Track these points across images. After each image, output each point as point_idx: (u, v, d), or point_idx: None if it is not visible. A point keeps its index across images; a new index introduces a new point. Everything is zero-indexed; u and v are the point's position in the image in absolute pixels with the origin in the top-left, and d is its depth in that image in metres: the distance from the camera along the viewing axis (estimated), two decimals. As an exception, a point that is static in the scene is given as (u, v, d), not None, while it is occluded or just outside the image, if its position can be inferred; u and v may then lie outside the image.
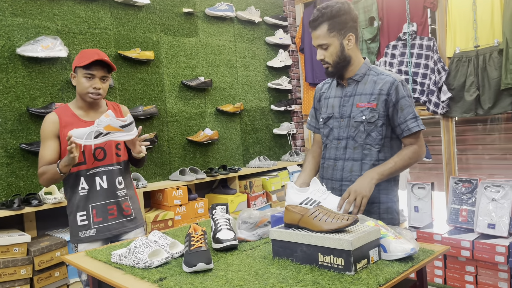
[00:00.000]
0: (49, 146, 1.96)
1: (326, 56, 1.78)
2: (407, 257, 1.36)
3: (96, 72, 1.96)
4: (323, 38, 1.75)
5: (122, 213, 2.04)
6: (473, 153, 3.59)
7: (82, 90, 1.98)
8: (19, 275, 2.46)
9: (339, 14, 1.73)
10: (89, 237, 1.97)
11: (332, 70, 1.81)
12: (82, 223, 1.98)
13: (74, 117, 2.00)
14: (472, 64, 3.31)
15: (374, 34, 3.94)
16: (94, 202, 1.98)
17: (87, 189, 1.98)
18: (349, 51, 1.78)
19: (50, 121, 1.98)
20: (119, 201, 2.04)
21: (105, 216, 2.00)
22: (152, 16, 3.55)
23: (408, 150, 1.76)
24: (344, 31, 1.75)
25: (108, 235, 2.00)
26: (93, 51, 1.98)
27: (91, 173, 1.98)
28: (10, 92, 2.79)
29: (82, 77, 1.96)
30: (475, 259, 2.85)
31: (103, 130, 1.79)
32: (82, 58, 1.95)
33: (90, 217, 1.98)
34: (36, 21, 2.91)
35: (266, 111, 4.47)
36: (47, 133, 1.97)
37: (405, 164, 1.74)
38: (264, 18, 4.45)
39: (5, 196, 2.74)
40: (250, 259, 1.45)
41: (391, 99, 1.75)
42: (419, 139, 1.78)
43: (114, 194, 2.03)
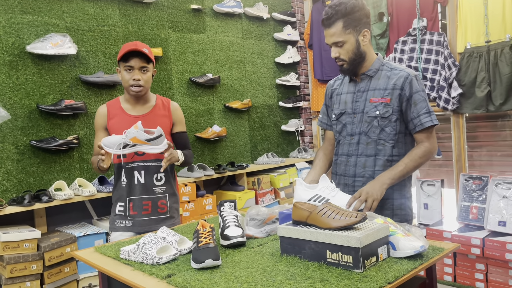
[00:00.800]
0: (98, 137, 2.06)
1: (342, 54, 1.77)
2: (417, 255, 1.35)
3: (134, 63, 1.96)
4: (339, 35, 1.74)
5: (157, 210, 2.04)
6: (484, 150, 3.55)
7: (124, 84, 2.02)
8: (29, 270, 2.49)
9: (354, 11, 1.72)
10: (124, 227, 2.04)
11: (347, 67, 1.80)
12: (119, 213, 2.05)
13: (120, 110, 2.06)
14: (483, 60, 3.26)
15: (384, 30, 3.91)
16: (131, 195, 2.03)
17: (126, 182, 2.03)
18: (364, 47, 1.78)
19: (100, 114, 2.07)
20: (155, 197, 2.04)
21: (139, 211, 2.03)
22: (160, 13, 3.55)
23: (419, 150, 1.73)
24: (359, 27, 1.74)
25: (140, 229, 2.02)
26: (132, 43, 1.99)
27: (130, 167, 2.02)
28: (20, 89, 2.81)
29: (123, 70, 1.99)
30: (485, 256, 2.82)
31: (130, 142, 1.79)
32: (121, 51, 1.97)
33: (127, 209, 2.04)
34: (46, 19, 2.93)
35: (274, 107, 4.45)
36: (97, 125, 2.08)
37: (416, 164, 1.72)
38: (272, 14, 4.43)
39: (16, 192, 2.77)
40: (258, 256, 1.45)
41: (404, 94, 1.74)
42: (431, 135, 1.76)
43: (151, 190, 2.03)
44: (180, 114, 2.17)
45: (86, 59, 3.11)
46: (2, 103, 2.72)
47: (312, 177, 1.93)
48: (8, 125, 2.75)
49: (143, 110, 2.06)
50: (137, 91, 1.99)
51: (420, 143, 1.76)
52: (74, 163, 3.02)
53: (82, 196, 2.77)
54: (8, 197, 2.73)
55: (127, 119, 2.01)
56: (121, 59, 1.97)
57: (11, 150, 2.76)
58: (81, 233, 2.74)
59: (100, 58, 3.18)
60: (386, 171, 1.71)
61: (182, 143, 2.16)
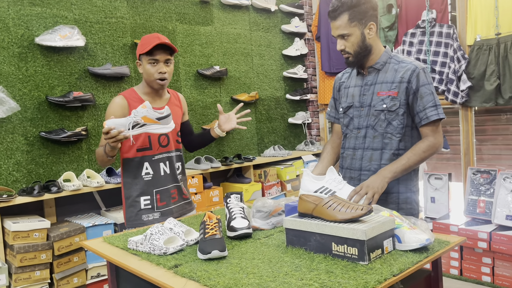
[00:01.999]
0: None
1: (347, 46, 1.76)
2: (422, 248, 1.35)
3: (159, 56, 1.96)
4: (344, 28, 1.73)
5: (182, 197, 2.16)
6: (492, 143, 3.52)
7: (149, 77, 1.99)
8: (39, 259, 2.53)
9: (360, 3, 1.72)
10: (152, 220, 2.03)
11: (352, 60, 1.79)
12: (146, 207, 2.04)
13: (140, 101, 2.00)
14: (493, 53, 3.22)
15: (392, 22, 3.87)
16: (158, 187, 2.05)
17: (152, 174, 2.04)
18: (370, 40, 1.76)
19: (118, 105, 1.98)
20: (180, 185, 2.14)
21: (169, 200, 2.08)
22: (168, 5, 3.55)
23: (423, 144, 1.71)
24: (365, 20, 1.73)
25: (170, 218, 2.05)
26: (153, 35, 1.98)
27: (156, 159, 2.04)
28: (29, 81, 2.84)
29: (147, 63, 1.97)
30: (492, 250, 2.82)
31: (140, 121, 1.76)
32: (145, 45, 1.96)
33: (154, 201, 2.05)
34: (54, 11, 2.95)
35: (281, 100, 4.45)
36: (114, 115, 1.94)
37: (420, 159, 1.70)
38: (280, 6, 4.40)
39: (26, 183, 2.81)
40: (264, 248, 1.46)
41: (411, 87, 1.72)
42: (437, 129, 1.74)
43: (175, 178, 2.11)
44: (186, 104, 2.30)
45: (94, 51, 3.12)
46: (12, 95, 2.75)
47: (319, 170, 1.93)
48: (18, 116, 2.78)
49: (162, 102, 2.09)
50: (163, 84, 2.01)
51: (425, 137, 1.74)
52: (82, 155, 3.05)
53: (91, 187, 2.81)
54: (18, 187, 2.77)
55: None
56: (145, 53, 1.95)
57: (21, 141, 2.79)
58: (89, 223, 2.77)
59: (108, 50, 3.19)
60: (389, 165, 1.70)
61: (189, 130, 2.28)
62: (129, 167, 2.04)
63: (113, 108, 1.98)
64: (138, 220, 2.04)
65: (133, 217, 2.05)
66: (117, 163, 3.24)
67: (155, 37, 1.97)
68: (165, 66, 1.99)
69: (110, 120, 1.75)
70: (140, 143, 2.00)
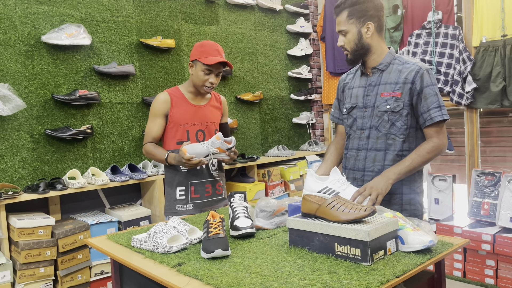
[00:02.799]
0: (157, 123, 2.16)
1: (345, 43, 1.80)
2: (425, 249, 1.35)
3: (215, 68, 2.12)
4: (343, 24, 1.79)
5: (216, 192, 2.24)
6: (497, 145, 3.50)
7: (198, 82, 2.14)
8: (43, 256, 2.54)
9: (360, 2, 1.74)
10: (185, 211, 2.16)
11: (350, 57, 1.82)
12: (180, 197, 2.17)
13: (183, 99, 2.19)
14: (499, 54, 3.21)
15: (398, 23, 3.86)
16: (193, 179, 2.16)
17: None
18: (368, 39, 1.77)
19: (162, 100, 2.17)
20: (214, 180, 2.23)
21: (202, 194, 2.18)
22: (174, 4, 3.56)
23: (427, 145, 1.70)
24: (364, 19, 1.75)
25: (202, 211, 2.17)
26: (214, 46, 2.13)
27: None
28: (35, 79, 2.86)
29: (201, 70, 2.12)
30: (496, 253, 2.81)
31: (216, 151, 2.04)
32: (205, 54, 2.10)
33: (188, 193, 2.16)
34: (61, 9, 2.96)
35: (285, 100, 4.45)
36: (158, 110, 2.16)
37: (424, 160, 1.69)
38: (286, 6, 4.40)
39: (31, 180, 2.83)
40: (267, 247, 1.47)
41: (415, 88, 1.72)
42: (441, 130, 1.73)
43: (211, 174, 2.22)
44: (226, 106, 2.40)
45: (100, 50, 3.14)
46: (18, 92, 2.77)
47: (323, 170, 1.94)
48: (24, 114, 2.80)
49: (203, 101, 2.25)
50: (209, 91, 2.20)
51: (429, 138, 1.74)
52: (87, 152, 3.07)
53: (95, 185, 2.82)
54: (24, 184, 2.79)
55: (190, 108, 2.19)
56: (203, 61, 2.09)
57: (27, 139, 2.81)
58: (94, 221, 2.79)
59: (113, 49, 3.20)
60: (393, 166, 1.69)
61: (226, 132, 2.36)
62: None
63: (157, 104, 2.16)
64: (173, 209, 2.17)
65: (169, 206, 2.19)
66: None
67: (216, 50, 2.12)
68: (216, 77, 2.14)
69: (189, 146, 2.01)
70: (179, 137, 2.16)
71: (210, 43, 2.16)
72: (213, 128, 2.26)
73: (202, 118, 2.22)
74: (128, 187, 3.27)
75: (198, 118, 2.21)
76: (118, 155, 3.22)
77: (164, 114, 2.17)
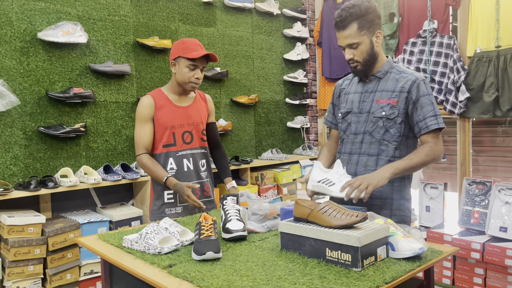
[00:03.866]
0: (146, 129, 2.11)
1: (356, 55, 1.79)
2: (415, 256, 1.36)
3: (199, 63, 2.07)
4: (354, 37, 1.76)
5: (204, 194, 2.21)
6: (488, 155, 3.54)
7: (183, 80, 2.09)
8: (33, 254, 2.53)
9: (368, 12, 1.75)
10: (175, 213, 2.13)
11: (361, 68, 1.82)
12: (169, 201, 2.14)
13: (167, 100, 2.14)
14: (493, 65, 3.24)
15: (394, 31, 3.89)
16: (182, 181, 2.09)
17: (176, 170, 2.13)
18: (377, 48, 1.81)
19: (146, 104, 2.11)
20: (203, 182, 2.20)
21: None
22: (171, 5, 3.56)
23: (425, 148, 1.73)
24: (373, 28, 1.77)
25: (192, 213, 2.15)
26: (195, 42, 2.09)
27: (180, 154, 2.14)
28: (30, 75, 2.84)
29: (185, 67, 2.07)
30: (485, 261, 2.83)
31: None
32: (187, 49, 2.05)
33: (177, 195, 2.13)
34: (58, 6, 2.95)
35: (280, 104, 4.46)
36: (143, 115, 2.10)
37: (421, 161, 1.70)
38: (283, 10, 4.42)
39: (23, 177, 2.81)
40: (258, 251, 1.47)
41: (411, 97, 1.76)
42: (437, 138, 1.76)
43: (199, 175, 2.19)
44: (213, 105, 2.35)
45: (96, 48, 3.13)
46: (12, 89, 2.75)
47: None
48: (17, 110, 2.78)
49: (188, 101, 2.20)
50: (196, 87, 2.14)
51: (426, 143, 1.75)
52: (80, 151, 3.05)
53: (87, 183, 2.81)
54: (15, 181, 2.77)
55: (175, 110, 2.14)
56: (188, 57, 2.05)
57: (19, 136, 2.79)
58: (85, 220, 2.77)
59: (110, 48, 3.20)
60: (391, 163, 1.70)
61: (214, 132, 2.33)
62: (159, 162, 2.15)
63: (142, 108, 2.10)
64: (162, 213, 2.14)
65: (156, 210, 2.15)
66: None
67: (198, 45, 2.08)
68: (201, 72, 2.11)
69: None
70: (165, 140, 2.12)
71: (190, 39, 2.10)
72: (200, 128, 2.20)
73: (187, 119, 2.15)
74: (120, 187, 3.26)
75: (184, 119, 2.15)
76: (111, 154, 3.21)
77: (150, 118, 2.11)
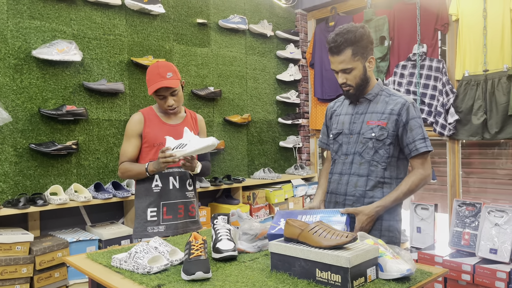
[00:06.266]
0: (132, 143, 2.12)
1: (349, 79, 1.83)
2: (404, 278, 1.36)
3: (164, 93, 2.09)
4: (348, 62, 1.79)
5: (188, 214, 2.17)
6: (478, 176, 3.58)
7: (160, 107, 2.16)
8: (20, 273, 2.48)
9: (362, 39, 1.79)
10: (157, 232, 2.08)
11: (353, 92, 1.86)
12: (151, 219, 2.10)
13: (156, 118, 2.17)
14: (481, 88, 3.31)
15: (384, 53, 3.97)
16: (165, 200, 2.10)
17: (161, 187, 2.11)
18: (369, 72, 1.85)
19: (136, 120, 2.14)
20: (187, 202, 2.17)
21: (175, 215, 2.12)
22: (166, 25, 3.61)
23: (415, 177, 1.79)
24: (366, 54, 1.82)
25: (174, 233, 2.11)
26: (155, 71, 2.08)
27: (166, 172, 2.11)
28: (23, 92, 2.84)
29: (156, 97, 2.12)
30: (475, 283, 2.83)
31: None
32: (150, 82, 2.10)
33: (160, 214, 2.10)
34: (53, 25, 2.98)
35: (273, 123, 4.49)
36: (132, 131, 2.13)
37: (411, 191, 1.79)
38: (276, 32, 4.50)
39: (12, 195, 2.78)
40: (248, 271, 1.47)
41: (401, 120, 1.80)
42: (426, 160, 1.81)
43: (184, 195, 2.16)
44: (203, 125, 2.37)
45: (91, 67, 3.15)
46: (5, 105, 2.75)
47: (320, 197, 2.02)
48: (9, 127, 2.77)
49: (177, 120, 2.22)
50: (173, 112, 2.18)
51: (415, 169, 1.81)
52: (71, 168, 3.03)
53: (77, 201, 2.78)
54: (4, 198, 2.74)
55: (163, 127, 2.16)
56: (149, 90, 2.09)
57: (10, 152, 2.78)
58: (73, 238, 2.74)
59: (104, 66, 3.22)
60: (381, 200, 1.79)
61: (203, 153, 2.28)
62: (142, 179, 2.13)
63: (131, 124, 2.14)
64: (144, 231, 2.10)
65: (139, 228, 2.12)
66: (107, 178, 3.23)
67: (157, 74, 2.07)
68: (172, 98, 2.11)
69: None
70: (152, 156, 2.11)
71: (152, 68, 2.10)
72: None
73: (176, 137, 2.11)
74: (111, 205, 3.24)
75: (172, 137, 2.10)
76: (103, 172, 3.19)
77: (138, 134, 2.13)
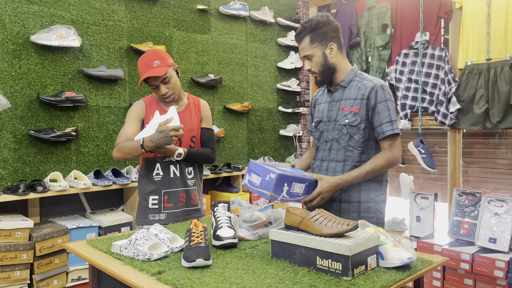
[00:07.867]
0: (132, 126, 2.09)
1: (312, 66, 1.92)
2: (405, 266, 1.36)
3: (154, 82, 2.06)
4: (307, 49, 1.90)
5: (190, 202, 2.16)
6: (478, 166, 3.57)
7: (156, 96, 2.15)
8: (20, 259, 2.49)
9: (319, 26, 1.87)
10: (158, 220, 2.09)
11: (320, 79, 1.94)
12: (153, 207, 2.10)
13: (158, 105, 2.15)
14: (483, 77, 3.29)
15: (386, 41, 3.93)
16: (167, 188, 2.10)
17: (162, 175, 2.10)
18: (333, 59, 1.90)
19: (138, 105, 2.14)
20: (189, 190, 2.16)
21: (176, 203, 2.11)
22: (166, 11, 3.57)
23: (381, 158, 1.82)
24: (325, 41, 1.88)
25: (175, 221, 2.11)
26: (143, 61, 2.06)
27: (167, 160, 2.11)
28: (22, 78, 2.82)
29: (150, 87, 2.10)
30: (474, 272, 2.84)
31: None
32: (140, 73, 2.08)
33: (162, 202, 2.10)
34: (52, 10, 2.94)
35: (273, 111, 4.47)
36: (134, 114, 2.11)
37: (374, 168, 1.81)
38: (277, 19, 4.45)
39: (11, 181, 2.77)
40: (248, 258, 1.46)
41: (370, 103, 1.85)
42: (394, 143, 1.84)
43: (185, 183, 2.14)
44: (207, 111, 2.28)
45: (90, 53, 3.12)
46: (3, 92, 2.73)
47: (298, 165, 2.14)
48: (8, 113, 2.76)
49: (179, 108, 2.17)
50: (169, 100, 2.13)
51: (382, 151, 1.86)
52: (71, 155, 3.02)
53: (77, 188, 2.78)
54: (3, 185, 2.74)
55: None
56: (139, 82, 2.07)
57: (9, 139, 2.76)
58: (73, 225, 2.74)
59: (103, 52, 3.19)
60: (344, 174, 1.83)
61: (205, 138, 2.23)
62: (144, 166, 2.14)
63: (133, 110, 2.13)
64: (145, 218, 2.11)
65: (141, 215, 2.13)
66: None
67: (144, 64, 2.05)
68: (165, 86, 2.07)
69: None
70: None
71: (141, 58, 2.08)
72: (190, 135, 2.15)
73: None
74: (111, 192, 3.23)
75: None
76: (102, 159, 3.18)
77: (140, 118, 2.11)
